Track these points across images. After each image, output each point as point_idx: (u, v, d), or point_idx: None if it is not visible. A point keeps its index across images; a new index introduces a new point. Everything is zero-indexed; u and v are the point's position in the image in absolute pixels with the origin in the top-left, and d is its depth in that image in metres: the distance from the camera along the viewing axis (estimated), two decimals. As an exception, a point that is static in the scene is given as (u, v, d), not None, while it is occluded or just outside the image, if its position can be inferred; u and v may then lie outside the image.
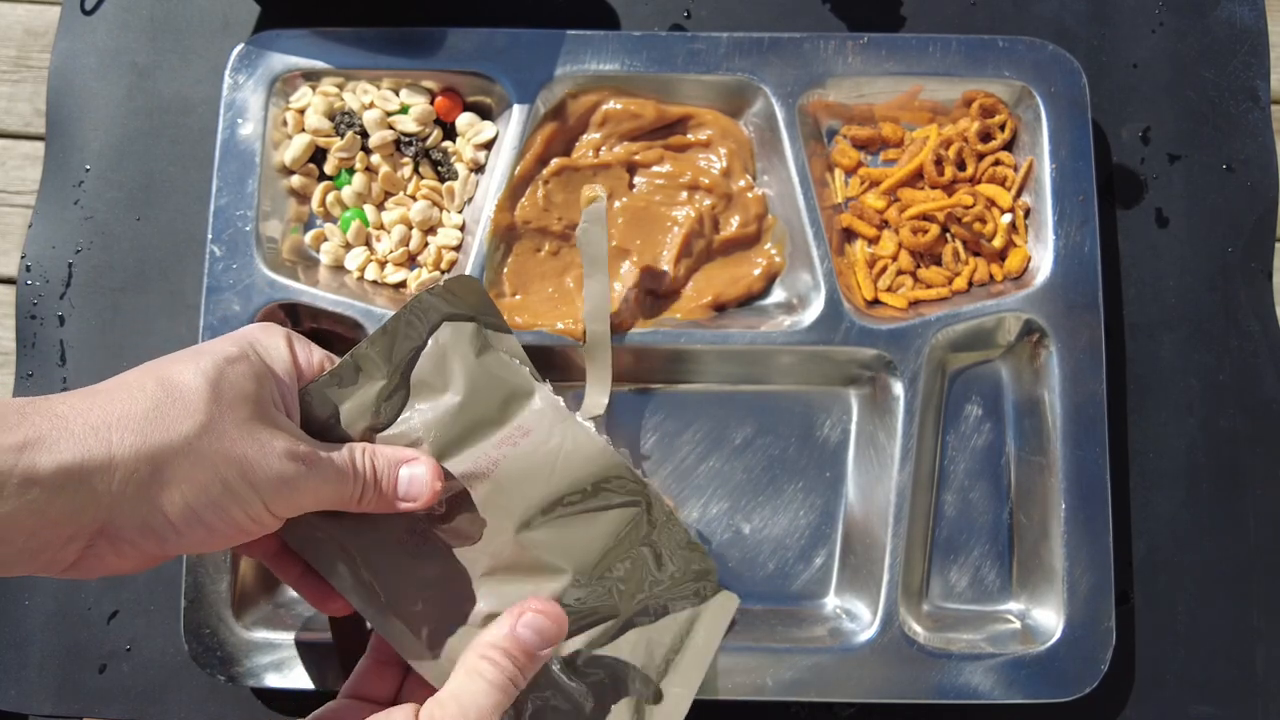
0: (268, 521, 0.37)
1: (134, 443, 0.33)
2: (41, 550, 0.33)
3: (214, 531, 0.35)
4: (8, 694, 0.56)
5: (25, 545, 0.32)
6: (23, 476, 0.31)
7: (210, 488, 0.35)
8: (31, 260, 0.60)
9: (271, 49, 0.57)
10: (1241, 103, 0.62)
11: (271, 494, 0.36)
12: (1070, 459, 0.54)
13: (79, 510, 0.32)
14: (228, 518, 0.35)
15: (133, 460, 0.33)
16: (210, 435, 0.35)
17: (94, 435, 0.33)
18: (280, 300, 0.55)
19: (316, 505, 0.39)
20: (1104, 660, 0.52)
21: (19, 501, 0.31)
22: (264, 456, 0.36)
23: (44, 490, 0.32)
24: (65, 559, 0.34)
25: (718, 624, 0.49)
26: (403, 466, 0.42)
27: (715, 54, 0.58)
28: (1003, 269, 0.58)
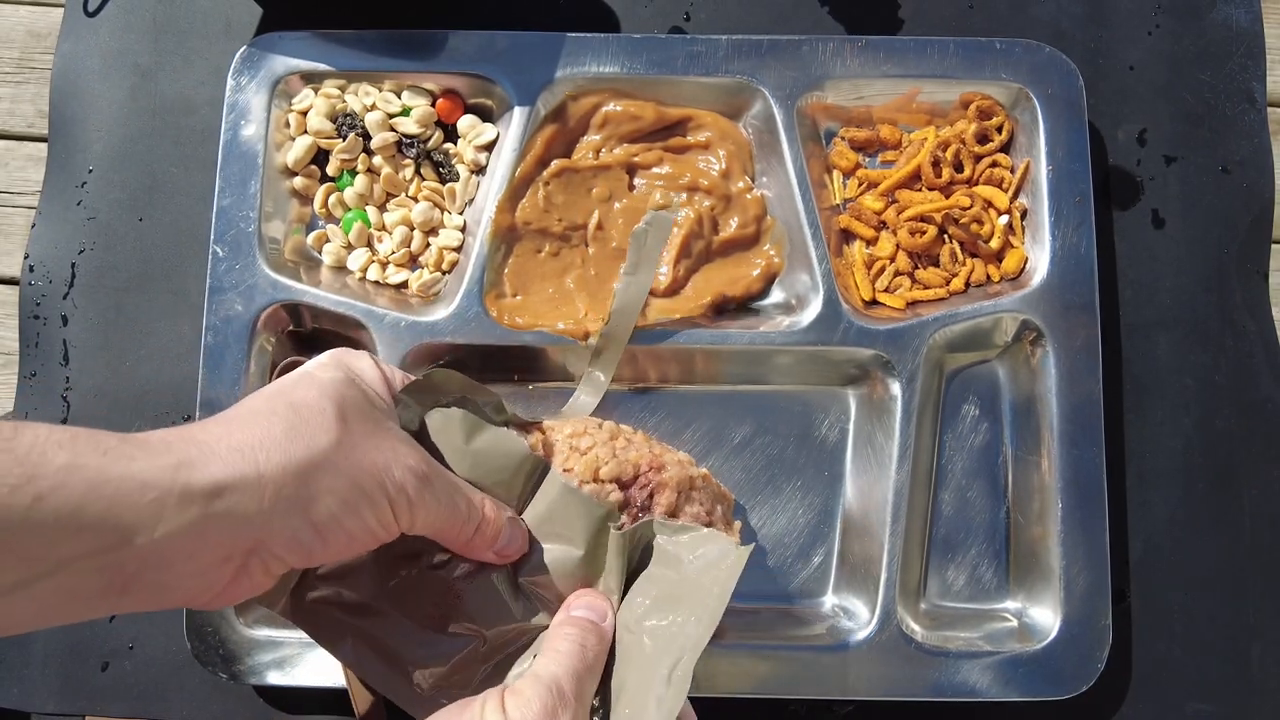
0: (393, 529, 0.38)
1: (280, 460, 0.35)
2: (200, 573, 0.33)
3: (353, 540, 0.37)
4: (10, 692, 0.56)
5: (184, 568, 0.33)
6: (181, 494, 0.32)
7: (351, 497, 0.36)
8: (35, 260, 0.60)
9: (274, 51, 0.58)
10: (1237, 104, 0.63)
11: (399, 498, 0.38)
12: (1067, 458, 0.54)
13: (235, 527, 0.33)
14: (365, 525, 0.37)
15: (280, 476, 0.34)
16: (345, 449, 0.37)
17: (240, 456, 0.34)
18: (283, 301, 0.55)
19: (427, 525, 0.40)
20: (1100, 658, 0.53)
21: (179, 520, 0.32)
22: (394, 465, 0.38)
23: (201, 508, 0.32)
24: (221, 581, 0.34)
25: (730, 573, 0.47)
26: (508, 519, 0.43)
27: (714, 56, 0.58)
28: (1000, 270, 0.59)
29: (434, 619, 0.44)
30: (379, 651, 0.43)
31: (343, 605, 0.43)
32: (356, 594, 0.43)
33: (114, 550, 0.31)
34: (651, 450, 0.51)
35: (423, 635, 0.43)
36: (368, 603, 0.43)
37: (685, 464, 0.51)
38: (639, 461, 0.50)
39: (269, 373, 0.55)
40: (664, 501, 0.50)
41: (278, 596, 0.42)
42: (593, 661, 0.40)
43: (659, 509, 0.50)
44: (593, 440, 0.50)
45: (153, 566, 0.32)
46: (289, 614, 0.43)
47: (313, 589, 0.43)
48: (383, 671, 0.43)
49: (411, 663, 0.43)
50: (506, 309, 0.57)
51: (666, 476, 0.50)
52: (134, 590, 0.32)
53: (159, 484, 0.32)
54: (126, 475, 0.31)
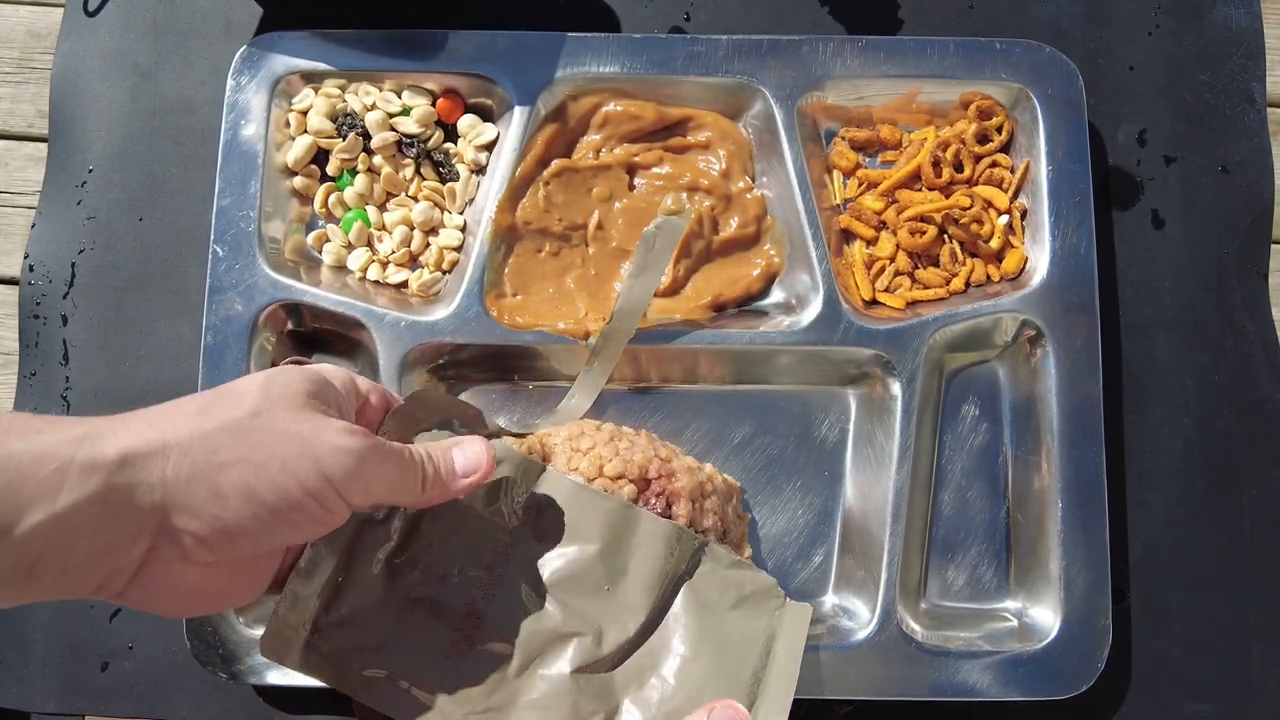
0: (331, 500, 0.36)
1: (188, 429, 0.34)
2: (107, 551, 0.32)
3: (276, 513, 0.34)
4: (10, 692, 0.56)
5: (90, 544, 0.31)
6: (84, 464, 0.31)
7: (268, 464, 0.34)
8: (35, 260, 0.60)
9: (274, 51, 0.58)
10: (1237, 105, 0.63)
11: (333, 466, 0.35)
12: (1067, 458, 0.54)
13: (138, 496, 0.32)
14: (288, 495, 0.34)
15: (186, 441, 0.33)
16: (263, 417, 0.35)
17: (149, 426, 0.33)
18: (282, 300, 0.55)
19: (384, 490, 0.38)
20: (1100, 658, 0.53)
21: (81, 491, 0.31)
22: (319, 432, 0.36)
23: (103, 477, 0.31)
24: (130, 562, 0.33)
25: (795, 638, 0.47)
26: (453, 449, 0.41)
27: (715, 56, 0.58)
28: (1000, 270, 0.59)
29: (458, 643, 0.43)
30: (401, 689, 0.42)
31: (360, 648, 0.42)
32: (374, 634, 0.42)
33: (15, 526, 0.30)
34: (657, 453, 0.51)
35: (448, 662, 0.42)
36: (385, 641, 0.42)
37: (693, 469, 0.51)
38: (646, 464, 0.50)
39: (269, 372, 0.55)
40: (682, 512, 0.50)
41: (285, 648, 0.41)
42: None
43: (680, 520, 0.50)
44: (592, 441, 0.50)
45: (57, 545, 0.31)
46: (305, 667, 0.41)
47: (328, 639, 0.42)
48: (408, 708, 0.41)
49: (438, 693, 0.41)
50: (507, 309, 0.57)
51: (679, 485, 0.50)
52: (40, 574, 0.31)
53: (60, 455, 0.31)
54: (28, 449, 0.31)
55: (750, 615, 0.46)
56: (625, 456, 0.49)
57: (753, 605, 0.46)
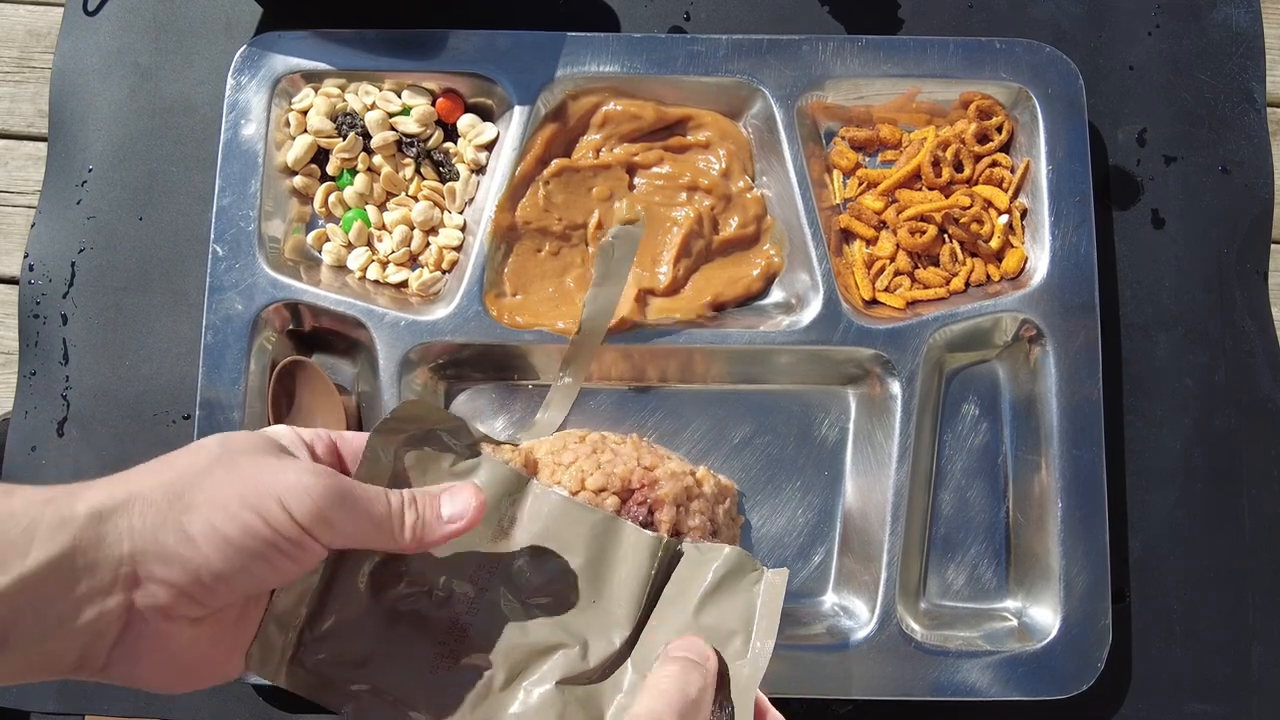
0: (298, 537, 0.35)
1: (150, 480, 0.34)
2: (80, 610, 0.31)
3: (245, 552, 0.34)
4: (10, 691, 0.56)
5: (63, 607, 0.31)
6: (51, 522, 0.31)
7: (230, 503, 0.34)
8: (34, 260, 0.60)
9: (274, 50, 0.58)
10: (1237, 105, 0.63)
11: (295, 503, 0.35)
12: (1067, 458, 0.54)
13: (108, 548, 0.32)
14: (255, 533, 0.34)
15: (150, 492, 0.33)
16: (225, 466, 0.35)
17: (114, 483, 0.33)
18: (282, 300, 0.55)
19: (355, 531, 0.37)
20: (1100, 658, 0.53)
21: (51, 548, 0.31)
22: (281, 471, 0.36)
23: (72, 532, 0.31)
24: (108, 622, 0.32)
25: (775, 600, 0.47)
26: (441, 495, 0.41)
27: (714, 56, 0.58)
28: (1000, 269, 0.59)
29: (443, 657, 0.42)
30: (387, 703, 0.41)
31: (344, 663, 0.41)
32: (358, 648, 0.42)
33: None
34: (640, 462, 0.51)
35: (434, 677, 0.42)
36: (370, 655, 0.42)
37: (679, 474, 0.51)
38: (628, 475, 0.50)
39: (268, 371, 0.55)
40: (665, 519, 0.50)
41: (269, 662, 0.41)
42: (696, 699, 0.38)
43: (662, 526, 0.50)
44: (574, 454, 0.50)
45: (28, 606, 0.30)
46: (290, 681, 0.41)
47: (313, 653, 0.41)
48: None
49: (424, 708, 0.41)
50: (506, 308, 0.57)
51: (663, 493, 0.50)
52: (14, 643, 0.30)
53: (29, 513, 0.31)
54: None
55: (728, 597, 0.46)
56: (607, 469, 0.49)
57: (729, 585, 0.46)
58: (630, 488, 0.50)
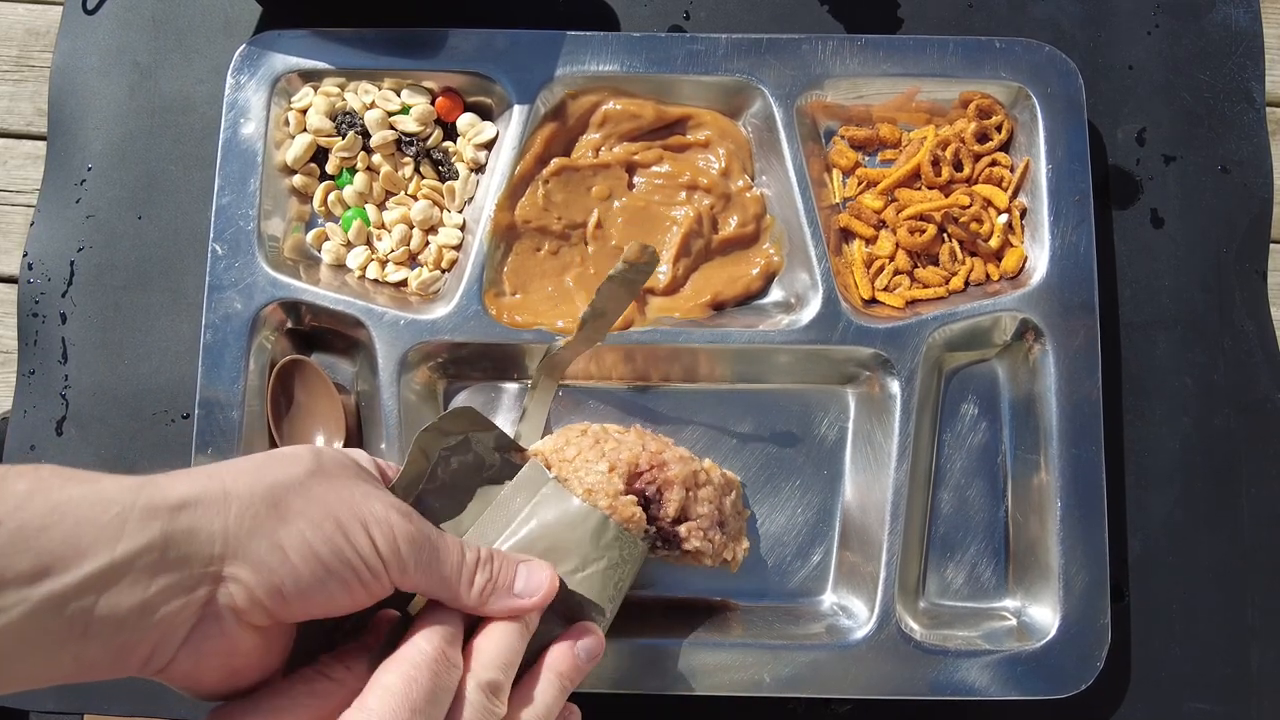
0: (380, 574, 0.36)
1: (249, 482, 0.34)
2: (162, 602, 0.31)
3: (330, 573, 0.34)
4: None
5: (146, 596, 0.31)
6: (144, 509, 0.31)
7: (325, 523, 0.34)
8: (33, 258, 0.60)
9: (273, 49, 0.58)
10: (1236, 104, 0.63)
11: (383, 539, 0.35)
12: (1066, 457, 0.54)
13: (197, 546, 0.32)
14: (342, 555, 0.34)
15: (248, 495, 0.33)
16: (320, 481, 0.35)
17: (208, 476, 0.33)
18: (282, 299, 0.55)
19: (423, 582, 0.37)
20: (1099, 657, 0.53)
21: (141, 538, 0.30)
22: (369, 500, 0.36)
23: (163, 523, 0.31)
24: (185, 617, 0.32)
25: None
26: (518, 563, 0.41)
27: (714, 55, 0.58)
28: (999, 269, 0.59)
29: None
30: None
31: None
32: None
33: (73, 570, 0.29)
34: (646, 446, 0.51)
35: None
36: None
37: (686, 459, 0.51)
38: (635, 460, 0.50)
39: (268, 371, 0.55)
40: (674, 498, 0.50)
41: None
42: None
43: (670, 505, 0.50)
44: (578, 449, 0.50)
45: (113, 596, 0.30)
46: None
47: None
48: None
49: None
50: (506, 307, 0.57)
51: (672, 474, 0.50)
52: (94, 633, 0.30)
53: (121, 500, 0.31)
54: (90, 494, 0.30)
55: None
56: (612, 457, 0.49)
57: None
58: (638, 470, 0.50)
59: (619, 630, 0.53)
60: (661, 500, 0.50)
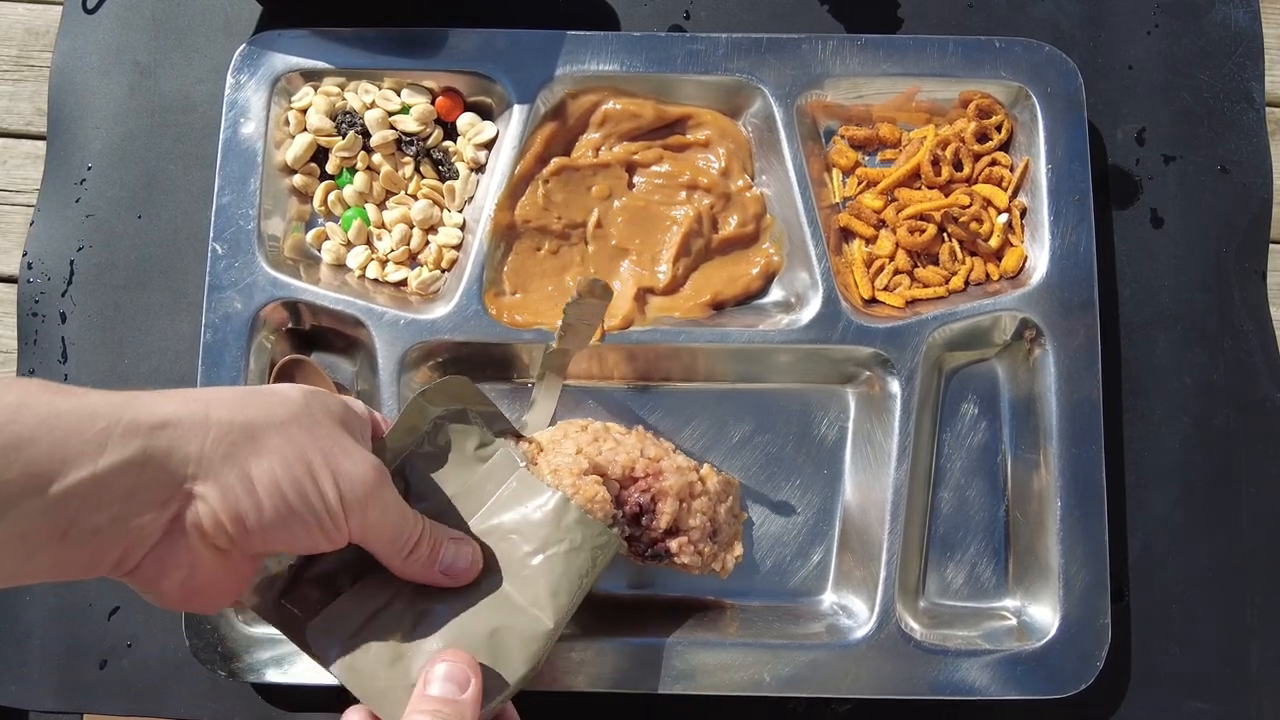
0: (340, 524, 0.37)
1: (230, 411, 0.35)
2: (134, 516, 0.33)
3: (292, 513, 0.36)
4: (8, 690, 0.56)
5: (121, 509, 0.32)
6: (128, 425, 0.32)
7: (296, 465, 0.36)
8: (33, 258, 0.60)
9: (273, 49, 0.58)
10: (1236, 104, 0.63)
11: (349, 493, 0.37)
12: (1066, 457, 0.54)
13: (173, 465, 0.33)
14: (307, 502, 0.36)
15: (227, 423, 0.35)
16: (302, 423, 0.37)
17: (193, 400, 0.35)
18: (282, 298, 0.55)
19: (377, 535, 0.39)
20: (1099, 657, 0.53)
21: (122, 452, 0.32)
22: (348, 456, 0.38)
23: (144, 440, 0.32)
24: (153, 532, 0.34)
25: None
26: (450, 540, 0.43)
27: (714, 55, 0.58)
28: (999, 268, 0.59)
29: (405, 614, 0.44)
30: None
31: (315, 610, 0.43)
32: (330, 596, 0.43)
33: (58, 481, 0.31)
34: (644, 452, 0.51)
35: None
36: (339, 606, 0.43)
37: (683, 469, 0.51)
38: (631, 464, 0.50)
39: (268, 370, 0.55)
40: (666, 510, 0.50)
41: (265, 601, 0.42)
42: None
43: (662, 517, 0.50)
44: (575, 443, 0.50)
45: (92, 505, 0.32)
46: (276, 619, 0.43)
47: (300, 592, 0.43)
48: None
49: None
50: (506, 307, 0.57)
51: (667, 484, 0.50)
52: (72, 537, 0.32)
53: (107, 415, 0.32)
54: (77, 407, 0.32)
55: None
56: (608, 456, 0.49)
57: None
58: (633, 477, 0.50)
59: (619, 630, 0.53)
60: (654, 512, 0.50)
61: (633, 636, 0.52)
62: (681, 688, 0.52)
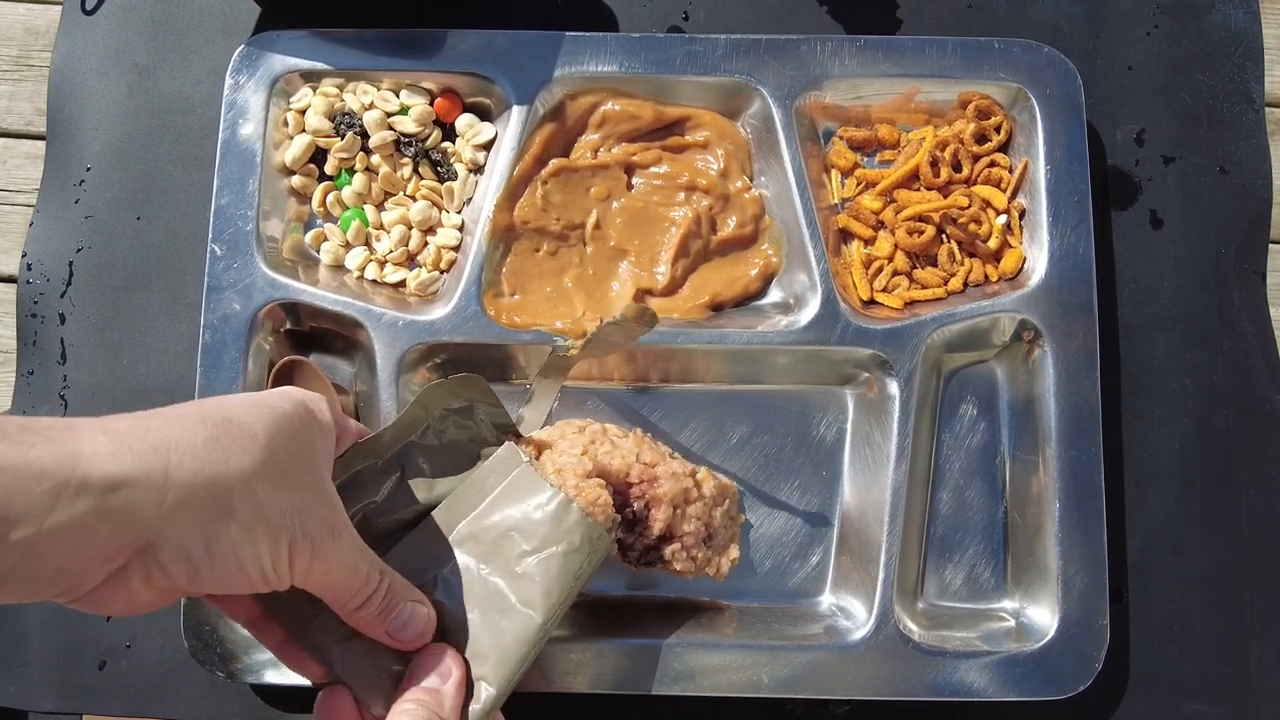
0: (284, 576, 0.37)
1: (192, 468, 0.33)
2: (78, 569, 0.32)
3: (241, 571, 0.35)
4: (8, 690, 0.56)
5: (64, 564, 0.31)
6: (79, 485, 0.31)
7: (254, 527, 0.35)
8: (32, 259, 0.60)
9: (272, 50, 0.58)
10: (1236, 105, 0.63)
11: (299, 552, 0.36)
12: (1065, 458, 0.54)
13: (126, 526, 0.32)
14: (258, 561, 0.35)
15: (188, 483, 0.33)
16: (262, 478, 0.35)
17: (153, 454, 0.33)
18: (280, 299, 0.55)
19: (320, 585, 0.39)
20: (1098, 658, 0.53)
21: (70, 512, 0.30)
22: (306, 511, 0.37)
23: (96, 500, 0.31)
24: (93, 580, 0.33)
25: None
26: (409, 603, 0.42)
27: (713, 56, 0.58)
28: (998, 270, 0.59)
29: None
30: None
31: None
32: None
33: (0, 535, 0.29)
34: (640, 457, 0.51)
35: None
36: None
37: (679, 475, 0.51)
38: (626, 469, 0.50)
39: (266, 371, 0.55)
40: (660, 517, 0.50)
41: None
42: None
43: (656, 524, 0.50)
44: (573, 443, 0.50)
45: (34, 560, 0.30)
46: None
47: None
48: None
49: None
50: (504, 308, 0.57)
51: (661, 491, 0.50)
52: (12, 583, 0.31)
53: (57, 474, 0.30)
54: (23, 463, 0.30)
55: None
56: (604, 461, 0.49)
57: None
58: (629, 482, 0.50)
59: (618, 631, 0.53)
60: (648, 519, 0.50)
61: (631, 638, 0.52)
62: (680, 689, 0.52)
